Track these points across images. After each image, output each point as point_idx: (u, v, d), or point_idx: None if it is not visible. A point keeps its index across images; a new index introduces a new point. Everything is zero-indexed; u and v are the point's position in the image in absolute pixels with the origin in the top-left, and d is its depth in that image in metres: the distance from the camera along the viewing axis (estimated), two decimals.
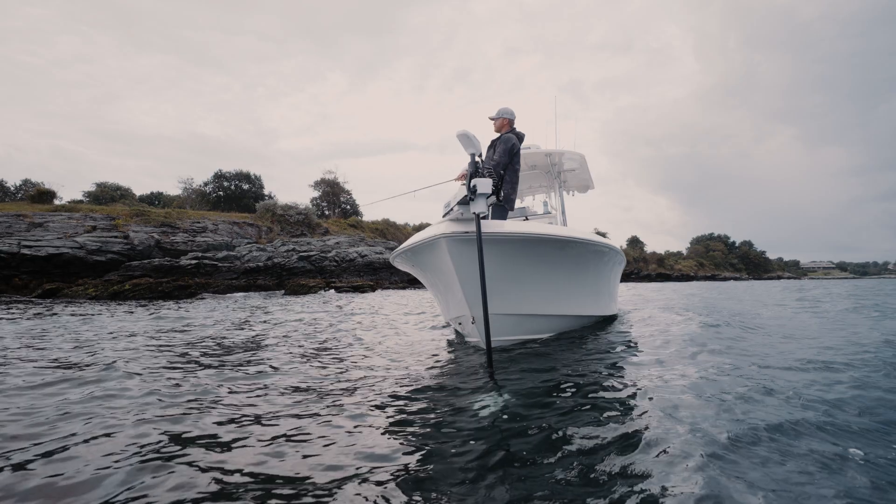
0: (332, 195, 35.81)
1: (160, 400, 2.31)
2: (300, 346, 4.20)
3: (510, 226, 3.78)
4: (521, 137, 4.48)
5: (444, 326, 5.74)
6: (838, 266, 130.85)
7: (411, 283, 22.31)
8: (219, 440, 1.82)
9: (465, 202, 3.39)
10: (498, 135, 4.54)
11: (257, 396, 2.44)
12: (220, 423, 1.99)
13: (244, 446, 1.76)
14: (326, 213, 34.75)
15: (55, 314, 7.32)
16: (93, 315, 7.13)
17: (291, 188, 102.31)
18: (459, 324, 4.42)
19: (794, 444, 1.73)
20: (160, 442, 1.77)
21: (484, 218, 3.43)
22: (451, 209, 3.57)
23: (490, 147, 4.51)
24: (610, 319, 5.86)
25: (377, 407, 2.28)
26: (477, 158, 3.47)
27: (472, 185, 3.26)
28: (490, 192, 3.30)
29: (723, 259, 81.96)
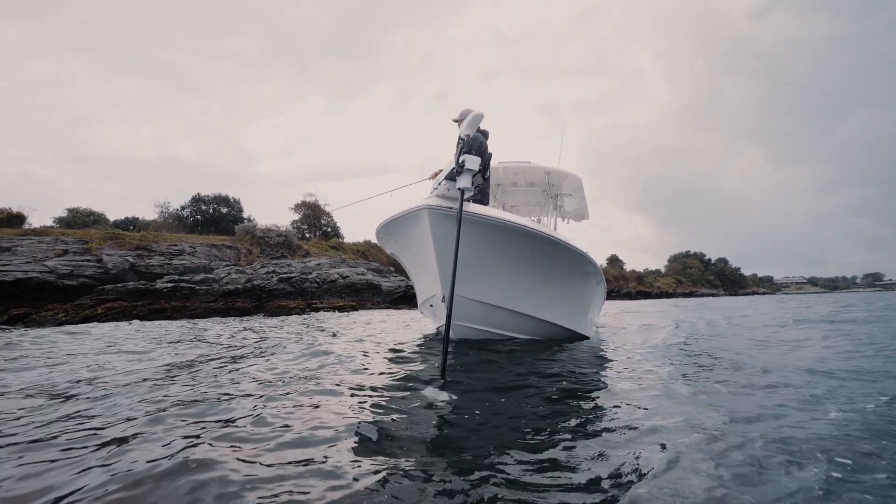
0: (313, 218, 35.66)
1: None
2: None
3: (495, 212, 3.83)
4: (486, 135, 4.61)
5: (423, 338, 5.76)
6: (810, 281, 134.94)
7: (393, 303, 22.17)
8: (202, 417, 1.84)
9: (452, 176, 3.46)
10: None
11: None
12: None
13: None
14: (307, 235, 34.50)
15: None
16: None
17: (271, 211, 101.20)
18: (431, 305, 4.40)
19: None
20: None
21: (468, 200, 3.49)
22: (440, 184, 3.63)
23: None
24: (581, 339, 5.58)
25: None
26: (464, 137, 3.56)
27: (460, 160, 3.35)
28: (477, 169, 3.39)
29: (700, 276, 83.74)
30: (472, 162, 3.35)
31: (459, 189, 3.39)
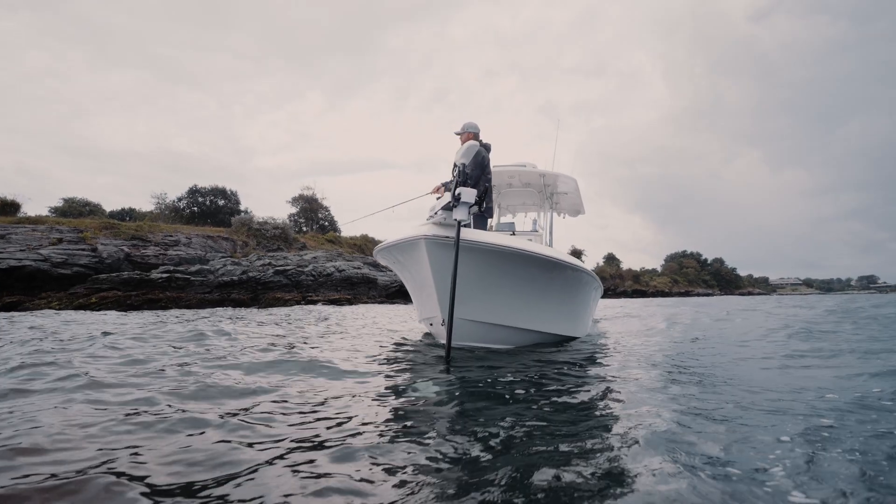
0: (310, 211, 35.62)
1: None
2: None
3: (490, 237, 3.89)
4: (487, 148, 4.70)
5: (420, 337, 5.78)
6: (805, 282, 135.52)
7: (389, 297, 22.19)
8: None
9: (449, 208, 3.55)
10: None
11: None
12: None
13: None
14: (304, 228, 34.49)
15: None
16: None
17: (268, 206, 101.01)
18: (430, 325, 4.50)
19: None
20: None
21: (465, 226, 3.59)
22: (436, 212, 3.70)
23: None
24: (575, 339, 5.66)
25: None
26: (461, 167, 3.64)
27: (456, 192, 3.44)
28: (473, 202, 3.51)
29: (696, 276, 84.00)
30: (468, 195, 3.49)
31: (456, 220, 3.50)
